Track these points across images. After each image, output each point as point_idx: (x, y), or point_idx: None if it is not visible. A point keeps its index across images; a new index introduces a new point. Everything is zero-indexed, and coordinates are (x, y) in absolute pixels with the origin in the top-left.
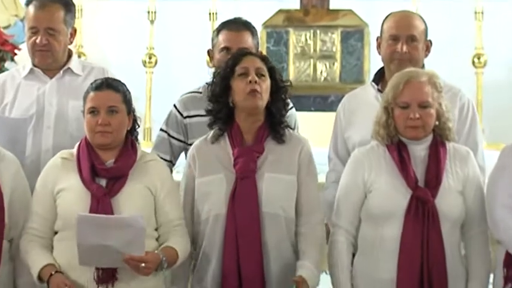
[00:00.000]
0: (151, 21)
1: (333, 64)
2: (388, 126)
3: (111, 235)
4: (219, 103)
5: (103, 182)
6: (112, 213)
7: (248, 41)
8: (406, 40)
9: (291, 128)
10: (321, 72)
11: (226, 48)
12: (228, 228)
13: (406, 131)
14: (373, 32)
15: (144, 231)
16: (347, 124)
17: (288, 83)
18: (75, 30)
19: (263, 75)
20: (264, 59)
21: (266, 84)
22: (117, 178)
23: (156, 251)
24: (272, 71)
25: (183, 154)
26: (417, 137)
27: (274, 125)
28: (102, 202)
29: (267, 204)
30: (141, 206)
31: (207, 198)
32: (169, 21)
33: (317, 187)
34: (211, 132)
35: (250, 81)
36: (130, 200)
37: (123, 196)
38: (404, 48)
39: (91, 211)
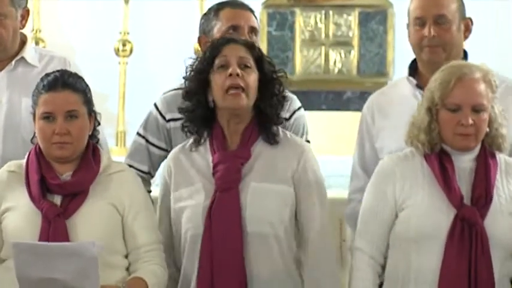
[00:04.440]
0: (126, 0)
1: (349, 53)
2: (431, 131)
3: (57, 266)
4: (195, 102)
5: (57, 199)
6: (67, 237)
7: (256, 22)
8: (433, 22)
9: (297, 134)
10: (335, 62)
11: (234, 27)
12: (203, 252)
13: (455, 139)
14: (398, 14)
15: (97, 260)
16: (378, 131)
17: (281, 74)
18: (27, 12)
19: (248, 67)
20: (250, 46)
21: (252, 78)
22: (75, 194)
23: (116, 284)
24: (260, 61)
25: (163, 164)
26: (468, 147)
27: (264, 124)
28: (54, 224)
29: (251, 221)
30: (104, 228)
31: (183, 215)
32: (147, 1)
33: (326, 206)
34: (191, 139)
35: (230, 74)
36: (91, 221)
37: (81, 216)
38: (432, 32)
39: (42, 235)
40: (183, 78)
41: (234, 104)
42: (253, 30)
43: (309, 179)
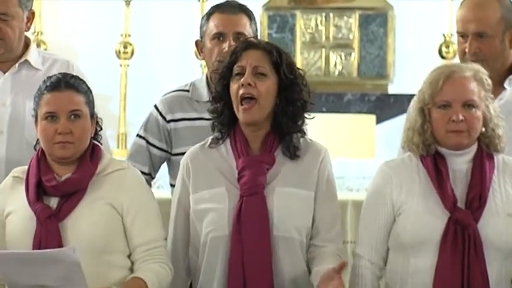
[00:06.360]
0: (127, 3)
1: (350, 55)
2: (424, 132)
3: (42, 273)
4: (220, 106)
5: (54, 202)
6: (59, 238)
7: (246, 26)
8: (473, 37)
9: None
10: (335, 64)
11: (219, 35)
12: (233, 255)
13: (448, 136)
14: (398, 16)
15: (79, 265)
16: None
17: (301, 81)
18: (33, 14)
19: (263, 74)
20: (268, 50)
21: (266, 86)
22: (70, 195)
23: (111, 286)
24: (277, 66)
25: (164, 166)
26: (461, 144)
27: (283, 135)
28: (46, 226)
29: (279, 225)
30: (101, 229)
31: (205, 217)
32: (148, 3)
33: (338, 207)
34: (209, 138)
35: (242, 84)
36: (86, 222)
37: (76, 217)
38: (473, 49)
39: (35, 237)
40: (214, 83)
41: (245, 118)
42: (239, 35)
43: (326, 180)
